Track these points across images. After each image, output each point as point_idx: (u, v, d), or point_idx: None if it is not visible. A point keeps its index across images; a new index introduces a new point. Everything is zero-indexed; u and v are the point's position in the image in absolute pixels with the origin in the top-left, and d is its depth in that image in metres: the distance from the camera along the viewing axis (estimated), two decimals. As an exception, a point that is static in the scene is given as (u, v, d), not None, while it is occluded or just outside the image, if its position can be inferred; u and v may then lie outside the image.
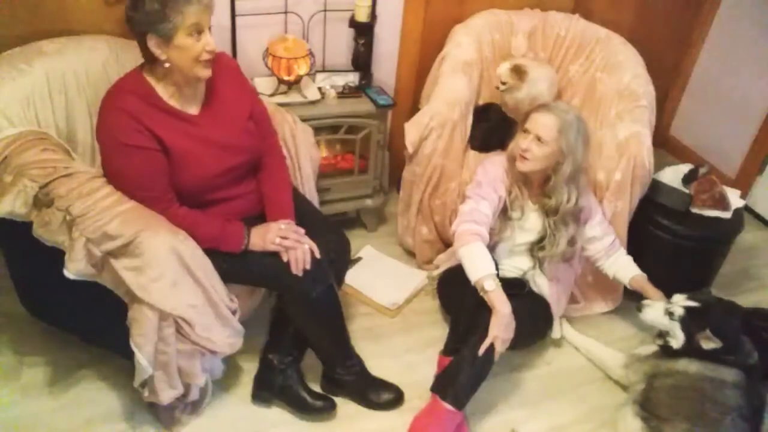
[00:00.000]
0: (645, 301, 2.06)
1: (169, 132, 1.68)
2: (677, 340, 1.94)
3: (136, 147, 1.63)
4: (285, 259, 1.76)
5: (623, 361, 2.16)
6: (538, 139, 1.94)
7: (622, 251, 2.25)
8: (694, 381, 1.87)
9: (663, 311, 1.98)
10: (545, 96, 2.47)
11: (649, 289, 2.15)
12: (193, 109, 1.76)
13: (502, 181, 2.05)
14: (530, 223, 2.09)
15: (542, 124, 1.94)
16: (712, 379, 1.85)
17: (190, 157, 1.71)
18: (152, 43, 1.60)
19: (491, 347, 1.84)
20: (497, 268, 1.95)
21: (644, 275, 2.20)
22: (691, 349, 1.90)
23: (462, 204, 2.06)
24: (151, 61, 1.66)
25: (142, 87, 1.68)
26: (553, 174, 1.99)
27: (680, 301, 1.97)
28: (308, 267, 1.77)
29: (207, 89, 1.79)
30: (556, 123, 1.93)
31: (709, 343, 1.86)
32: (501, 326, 1.84)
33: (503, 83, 2.47)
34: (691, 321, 1.91)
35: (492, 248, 2.05)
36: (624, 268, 2.22)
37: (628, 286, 2.24)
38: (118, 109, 1.63)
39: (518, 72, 2.45)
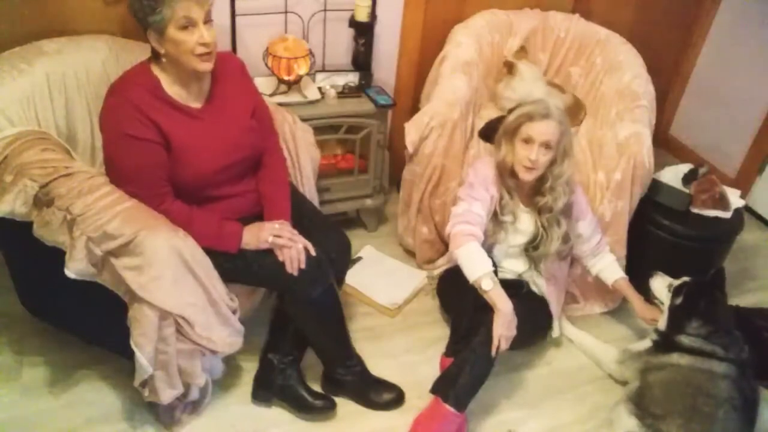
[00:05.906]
0: (658, 272, 2.13)
1: (172, 125, 1.69)
2: (663, 318, 1.99)
3: (138, 138, 1.63)
4: (281, 258, 1.76)
5: (616, 356, 2.18)
6: (546, 147, 1.92)
7: (608, 250, 2.26)
8: (686, 373, 1.89)
9: (667, 284, 2.06)
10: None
11: (631, 293, 2.18)
12: (197, 104, 1.77)
13: (494, 181, 2.04)
14: (524, 225, 2.09)
15: (546, 132, 1.90)
16: (702, 370, 1.87)
17: (191, 152, 1.71)
18: (151, 38, 1.64)
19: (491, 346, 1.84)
20: (496, 270, 1.94)
21: (626, 278, 2.23)
22: (672, 332, 1.95)
23: (454, 206, 2.05)
24: (156, 54, 1.69)
25: (148, 79, 1.69)
26: (549, 173, 1.98)
27: (683, 279, 2.03)
28: (303, 266, 1.76)
29: (212, 85, 1.80)
30: (558, 127, 1.92)
31: (677, 298, 1.96)
32: (504, 324, 1.84)
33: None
34: (681, 294, 1.98)
35: (488, 251, 2.05)
36: (608, 269, 2.23)
37: (611, 288, 2.25)
38: (123, 99, 1.64)
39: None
